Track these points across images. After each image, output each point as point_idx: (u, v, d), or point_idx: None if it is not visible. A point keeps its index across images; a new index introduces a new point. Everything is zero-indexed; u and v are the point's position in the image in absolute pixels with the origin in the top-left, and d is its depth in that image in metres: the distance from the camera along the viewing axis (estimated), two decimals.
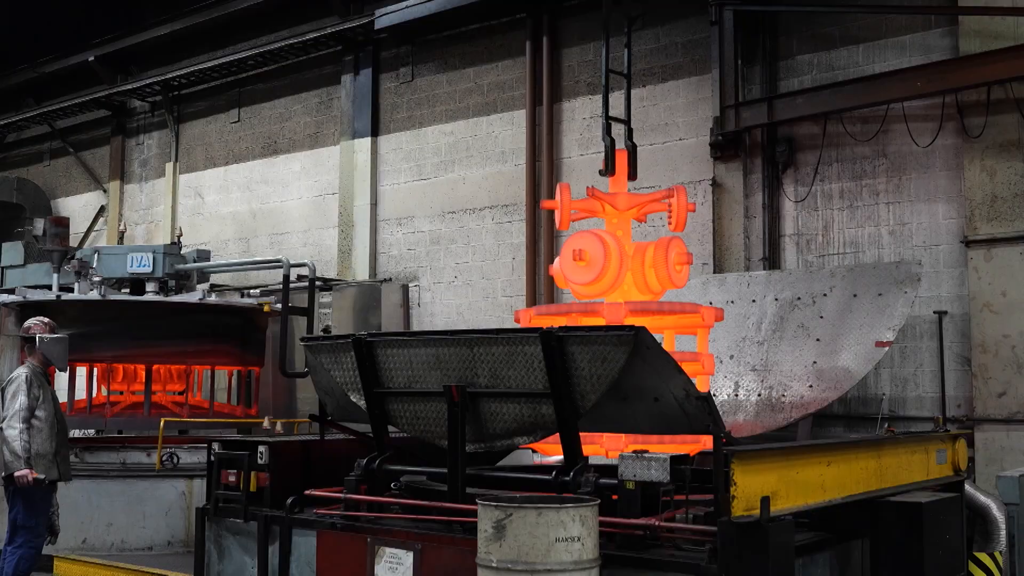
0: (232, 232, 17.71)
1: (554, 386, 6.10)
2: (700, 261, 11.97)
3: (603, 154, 8.39)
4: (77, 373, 12.59)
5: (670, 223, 7.90)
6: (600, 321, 7.22)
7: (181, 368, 12.83)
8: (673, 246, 7.54)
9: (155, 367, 12.54)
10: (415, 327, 14.60)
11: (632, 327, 5.90)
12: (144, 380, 12.45)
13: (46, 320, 8.86)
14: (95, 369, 12.64)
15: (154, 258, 12.97)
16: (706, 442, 6.60)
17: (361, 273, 15.39)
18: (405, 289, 14.90)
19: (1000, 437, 9.63)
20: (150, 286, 12.98)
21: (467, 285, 14.30)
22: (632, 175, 8.20)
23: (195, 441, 11.78)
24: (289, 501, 7.31)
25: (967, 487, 7.33)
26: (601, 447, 6.98)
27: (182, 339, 12.33)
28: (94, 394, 12.78)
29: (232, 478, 7.65)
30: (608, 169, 8.15)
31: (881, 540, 6.09)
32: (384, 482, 7.31)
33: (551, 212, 13.43)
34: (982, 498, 8.93)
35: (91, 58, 19.11)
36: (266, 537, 7.38)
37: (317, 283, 14.61)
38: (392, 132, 15.52)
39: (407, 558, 6.41)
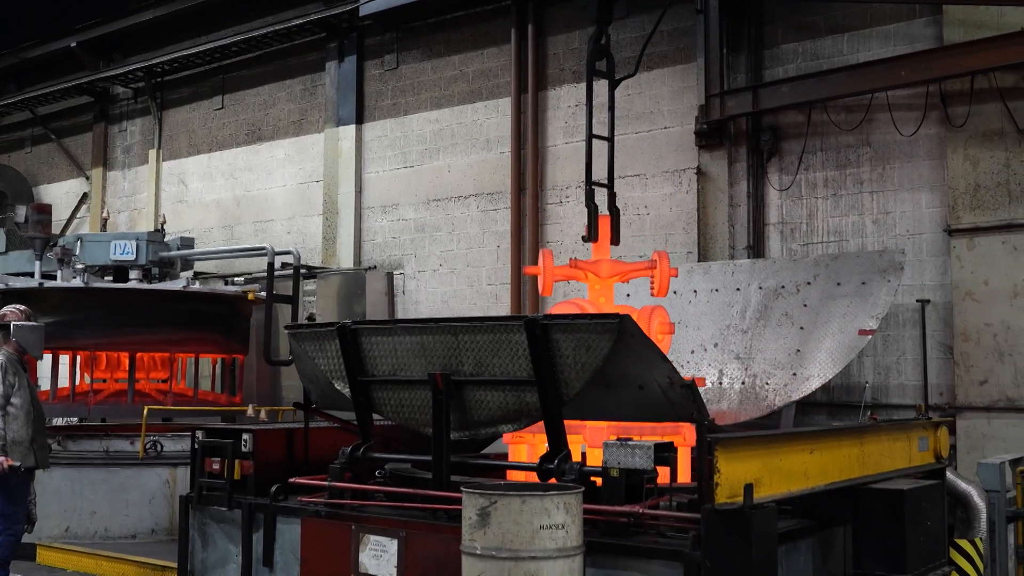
0: (216, 219, 17.63)
1: (539, 374, 6.11)
2: (685, 250, 11.99)
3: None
4: (60, 361, 12.52)
5: (652, 289, 7.90)
6: None
7: (165, 356, 12.77)
8: (656, 315, 7.55)
9: (139, 355, 12.47)
10: (400, 315, 14.58)
11: (616, 315, 5.91)
12: (127, 368, 12.39)
13: (22, 308, 8.78)
14: (78, 357, 12.57)
15: (137, 245, 12.90)
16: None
17: (346, 261, 15.36)
18: (390, 277, 14.88)
19: (981, 425, 9.70)
20: (133, 273, 12.91)
21: (452, 273, 14.29)
22: (615, 240, 8.18)
23: (179, 429, 11.75)
24: (273, 489, 7.31)
25: (949, 474, 7.38)
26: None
27: (166, 327, 12.27)
28: (77, 382, 12.71)
29: (216, 466, 7.64)
30: (591, 235, 8.14)
31: (863, 527, 6.13)
32: (369, 470, 7.32)
33: (536, 201, 13.49)
34: (963, 485, 8.99)
35: (73, 44, 18.95)
36: (250, 525, 7.38)
37: (301, 271, 14.58)
38: (377, 119, 15.47)
39: (391, 545, 6.42)
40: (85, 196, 20.19)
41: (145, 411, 11.25)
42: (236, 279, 13.87)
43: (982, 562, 7.67)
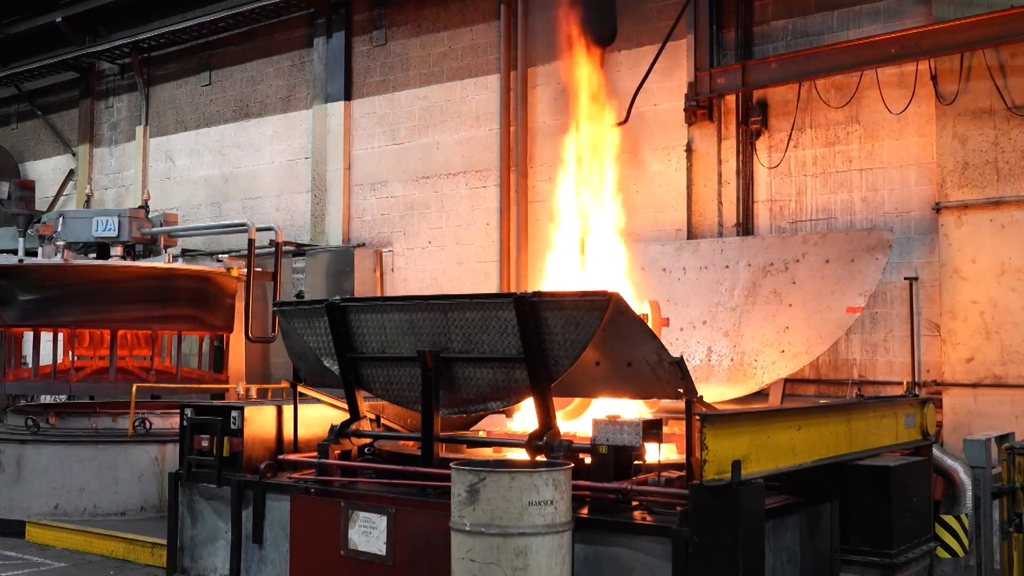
0: (204, 197, 17.55)
1: (528, 351, 6.12)
2: (674, 227, 11.99)
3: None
4: (42, 338, 12.45)
5: None
6: None
7: (147, 333, 12.65)
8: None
9: (123, 333, 12.38)
10: (389, 292, 14.57)
11: (605, 292, 5.91)
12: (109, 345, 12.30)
13: None
14: (60, 334, 12.49)
15: (119, 222, 12.80)
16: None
17: (334, 238, 15.32)
18: (379, 254, 14.85)
19: (968, 402, 9.75)
20: (114, 250, 12.81)
21: (441, 250, 14.27)
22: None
23: (167, 407, 11.72)
24: (263, 466, 7.32)
25: (935, 451, 7.43)
26: None
27: (147, 304, 12.13)
28: (60, 359, 12.63)
29: (205, 443, 7.66)
30: None
31: (850, 503, 6.16)
32: (358, 447, 7.34)
33: (526, 179, 13.45)
34: (949, 462, 9.06)
35: (59, 19, 18.77)
36: (240, 502, 7.39)
37: (289, 247, 14.55)
38: (365, 96, 15.39)
39: (381, 522, 6.43)
40: (72, 173, 20.07)
41: (134, 388, 11.22)
42: (221, 256, 13.79)
43: (967, 537, 7.74)
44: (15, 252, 13.00)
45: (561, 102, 13.21)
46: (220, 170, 17.37)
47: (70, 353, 12.56)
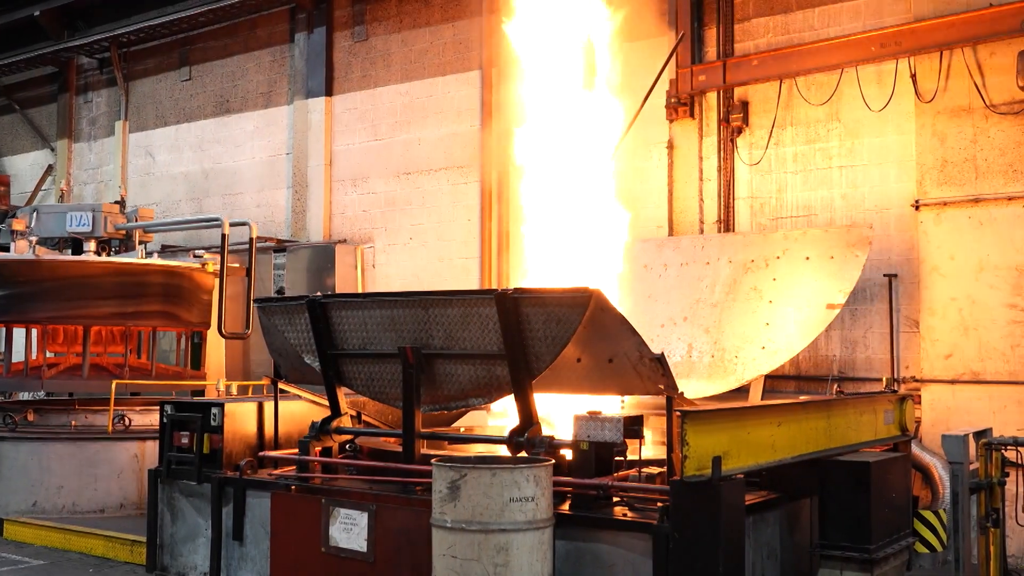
0: (184, 192, 17.46)
1: (509, 347, 6.12)
2: (655, 224, 12.01)
3: None
4: (15, 334, 12.32)
5: None
6: None
7: (121, 330, 12.51)
8: None
9: (98, 329, 12.25)
10: (370, 289, 14.53)
11: (587, 288, 5.92)
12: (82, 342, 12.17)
13: None
14: (33, 331, 12.35)
15: (93, 217, 12.67)
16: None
17: (315, 234, 15.28)
18: (360, 251, 14.82)
19: (946, 398, 9.81)
20: (88, 245, 12.70)
21: (422, 247, 14.25)
22: None
23: (147, 403, 11.65)
24: (243, 463, 7.30)
25: (913, 447, 7.48)
26: None
27: (120, 300, 11.95)
28: (33, 355, 12.49)
29: (185, 440, 7.64)
30: None
31: (830, 498, 6.20)
32: (339, 443, 7.32)
33: (506, 174, 13.43)
34: (927, 457, 9.13)
35: (37, 13, 18.62)
36: (220, 499, 7.37)
37: (269, 244, 14.49)
38: (347, 92, 15.34)
39: (361, 519, 6.43)
40: (51, 168, 19.92)
41: (113, 385, 11.15)
42: (200, 251, 13.70)
43: (945, 532, 7.80)
44: None
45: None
46: (200, 166, 17.28)
47: (45, 350, 12.44)
